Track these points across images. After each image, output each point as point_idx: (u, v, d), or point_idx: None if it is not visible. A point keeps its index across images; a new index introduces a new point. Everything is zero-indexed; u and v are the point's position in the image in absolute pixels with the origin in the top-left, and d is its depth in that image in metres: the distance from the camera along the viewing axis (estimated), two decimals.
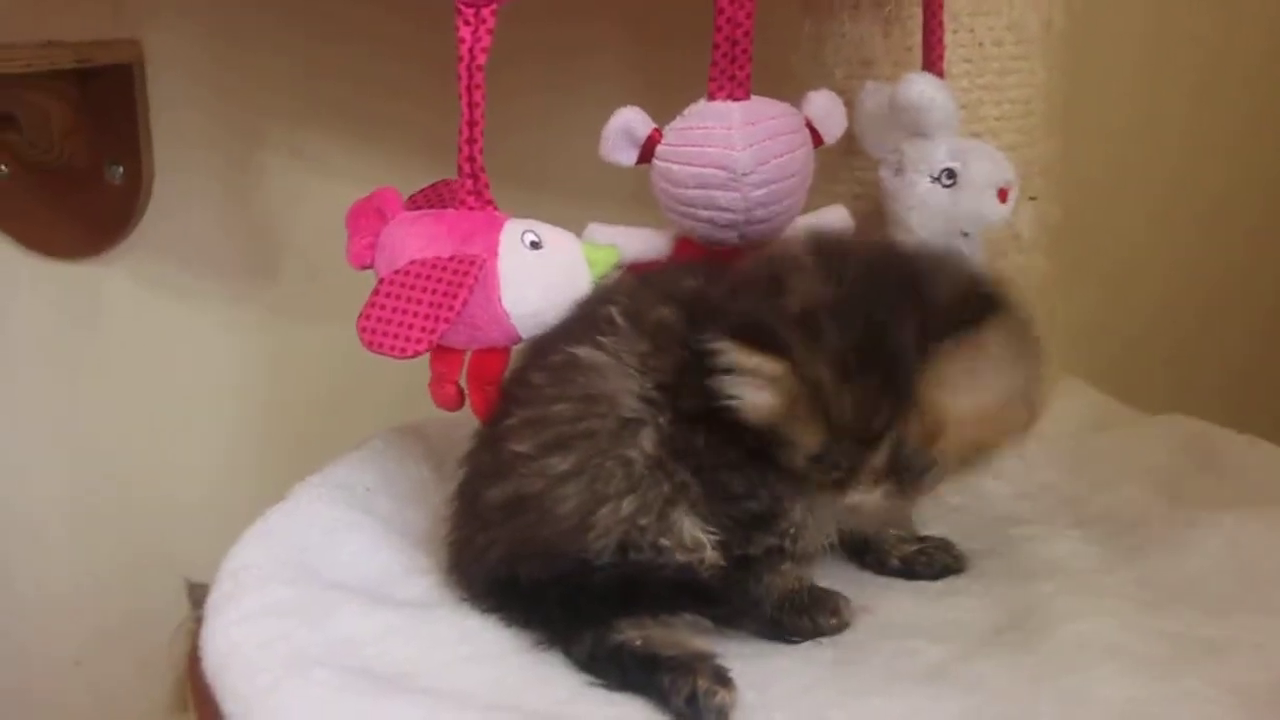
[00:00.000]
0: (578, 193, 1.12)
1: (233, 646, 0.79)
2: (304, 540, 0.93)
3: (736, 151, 0.95)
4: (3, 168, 1.44)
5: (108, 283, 1.46)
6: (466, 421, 0.96)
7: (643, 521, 0.83)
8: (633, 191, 1.03)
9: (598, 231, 0.99)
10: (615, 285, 0.94)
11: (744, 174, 0.95)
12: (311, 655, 0.78)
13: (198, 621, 0.85)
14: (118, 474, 1.48)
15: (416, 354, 0.88)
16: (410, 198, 0.99)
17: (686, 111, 0.99)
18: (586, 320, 0.89)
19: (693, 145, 0.97)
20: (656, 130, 0.98)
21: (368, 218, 0.96)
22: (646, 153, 0.98)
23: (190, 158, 1.44)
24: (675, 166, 0.97)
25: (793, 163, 0.98)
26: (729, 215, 0.97)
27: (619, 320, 0.86)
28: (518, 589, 0.85)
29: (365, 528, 0.97)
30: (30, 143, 1.41)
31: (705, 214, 0.97)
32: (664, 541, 0.84)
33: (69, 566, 1.48)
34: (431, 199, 1.00)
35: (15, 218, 1.46)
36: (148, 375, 1.48)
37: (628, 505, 0.83)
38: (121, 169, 1.43)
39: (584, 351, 0.85)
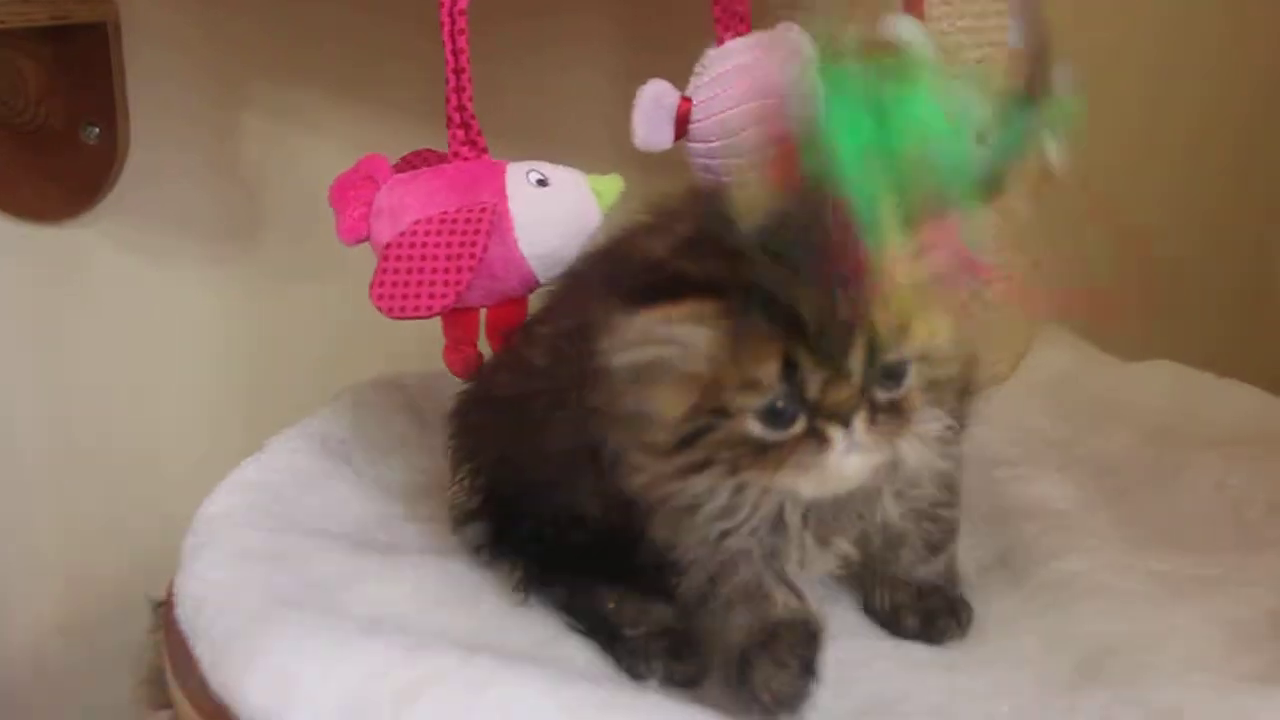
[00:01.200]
0: (572, 152, 1.10)
1: (207, 591, 0.78)
2: (279, 489, 0.92)
3: (774, 75, 0.95)
4: None
5: (85, 245, 1.45)
6: (445, 374, 0.95)
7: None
8: (623, 149, 1.00)
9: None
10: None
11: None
12: (287, 598, 0.77)
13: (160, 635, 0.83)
14: (100, 435, 1.47)
15: (444, 309, 0.87)
16: (395, 165, 0.97)
17: (703, 65, 0.98)
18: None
19: (735, 87, 0.95)
20: (684, 98, 0.96)
21: (356, 188, 0.93)
22: (680, 127, 0.96)
23: (168, 118, 1.42)
24: (729, 113, 0.95)
25: None
26: None
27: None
28: (506, 508, 0.85)
29: (341, 477, 0.97)
30: (5, 104, 1.40)
31: None
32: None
33: (51, 522, 1.47)
34: (416, 163, 0.98)
35: None
36: (128, 337, 1.47)
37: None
38: (97, 130, 1.41)
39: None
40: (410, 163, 0.98)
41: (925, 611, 0.81)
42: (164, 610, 0.83)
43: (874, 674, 0.76)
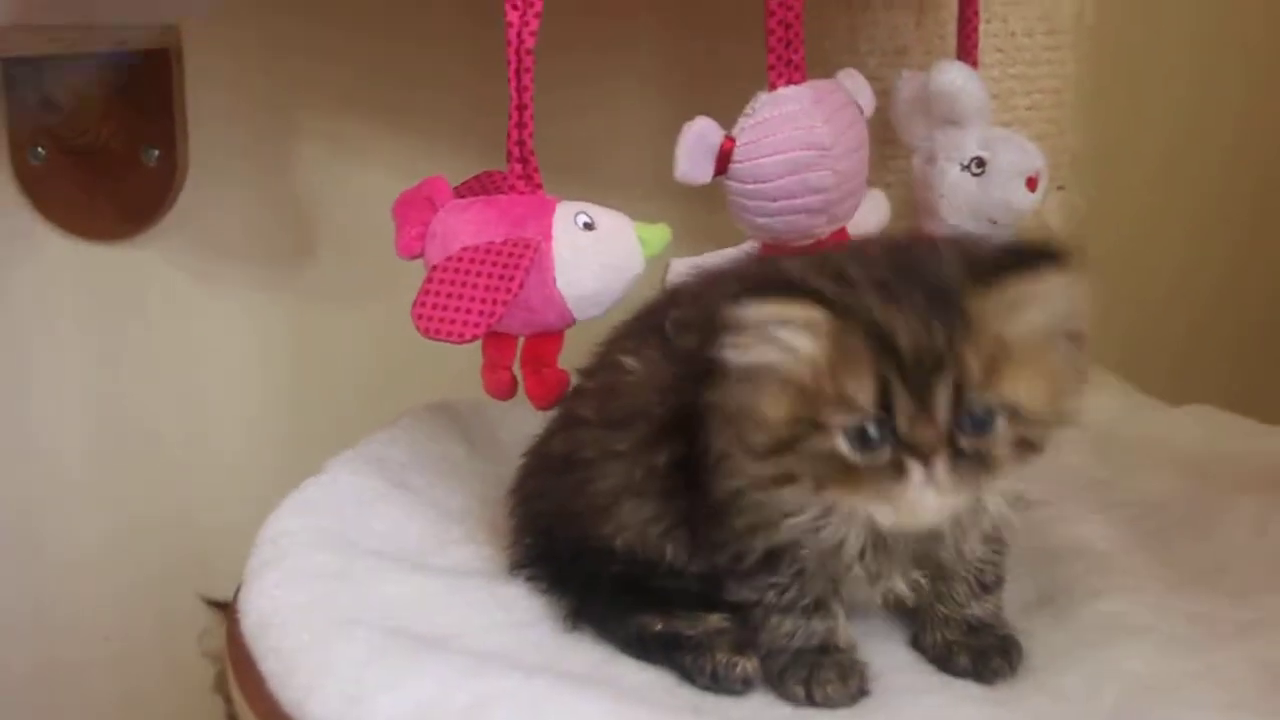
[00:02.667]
0: (616, 185, 1.12)
1: (273, 608, 0.80)
2: (340, 510, 0.94)
3: (819, 128, 0.96)
4: (40, 150, 1.45)
5: (142, 265, 1.48)
6: (498, 401, 0.97)
7: (654, 530, 0.83)
8: (673, 184, 1.01)
9: (679, 264, 0.99)
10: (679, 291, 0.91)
11: (829, 148, 0.96)
12: (351, 616, 0.79)
13: (222, 625, 0.86)
14: (147, 448, 1.50)
15: (475, 338, 0.89)
16: (457, 188, 1.00)
17: (752, 107, 0.98)
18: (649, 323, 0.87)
19: (775, 134, 0.97)
20: (729, 138, 0.98)
21: (417, 207, 0.96)
22: (721, 164, 0.98)
23: (225, 142, 1.46)
24: (764, 160, 0.97)
25: (861, 131, 1.00)
26: (821, 197, 0.97)
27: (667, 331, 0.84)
28: (554, 550, 0.87)
29: (399, 501, 0.98)
30: (68, 125, 1.43)
31: (800, 201, 0.97)
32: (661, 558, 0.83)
33: (97, 530, 1.49)
34: (477, 189, 1.00)
35: (52, 200, 1.47)
36: (180, 356, 1.49)
37: (646, 508, 0.83)
38: (157, 152, 1.44)
39: (629, 362, 0.84)
40: (471, 187, 1.00)
41: (977, 650, 0.82)
42: (228, 619, 0.85)
43: (921, 708, 0.77)
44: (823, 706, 0.76)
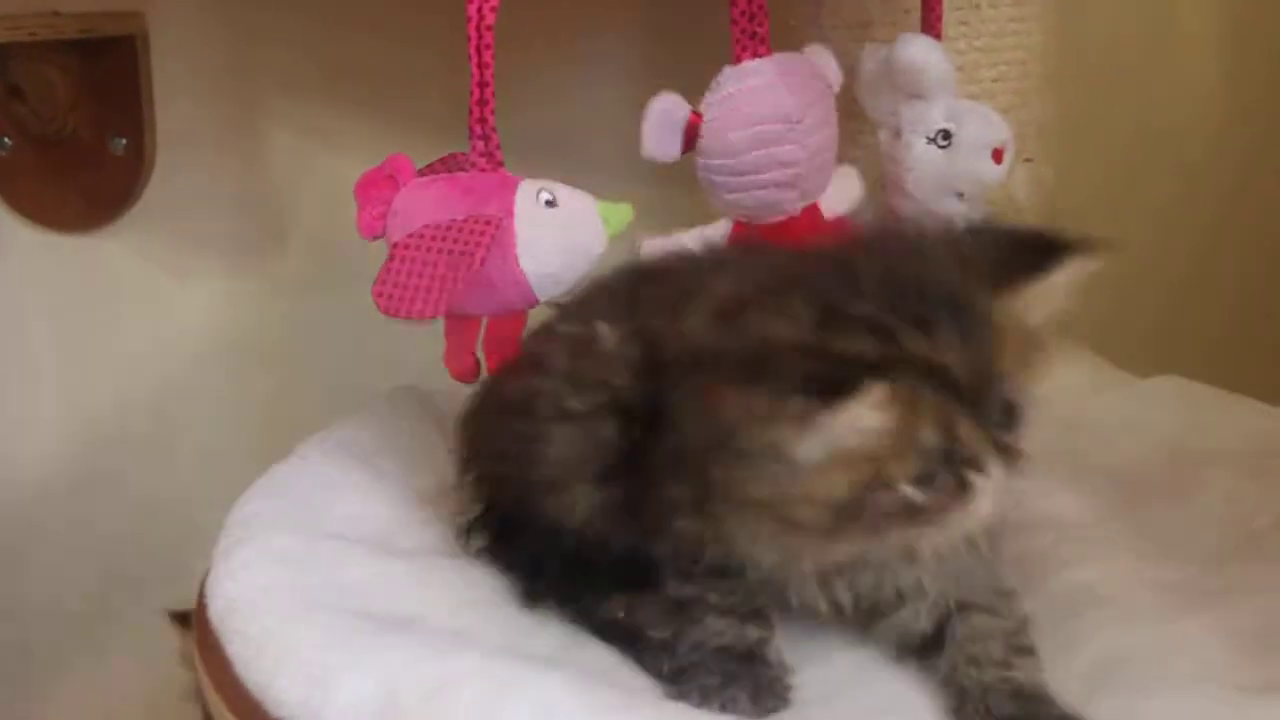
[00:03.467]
0: (589, 169, 1.12)
1: (239, 590, 0.80)
2: (308, 494, 0.94)
3: (785, 100, 0.96)
4: (6, 140, 1.44)
5: (110, 255, 1.47)
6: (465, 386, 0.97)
7: (600, 510, 0.82)
8: (641, 166, 1.02)
9: (650, 244, 0.99)
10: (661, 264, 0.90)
11: (797, 121, 0.96)
12: (317, 599, 0.79)
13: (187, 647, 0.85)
14: (120, 442, 1.49)
15: (435, 314, 0.88)
16: (421, 169, 0.99)
17: (718, 81, 0.98)
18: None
19: (742, 107, 0.97)
20: (695, 114, 0.97)
21: (379, 186, 0.95)
22: (689, 141, 0.98)
23: (194, 130, 1.44)
24: (731, 134, 0.97)
25: (830, 105, 1.00)
26: (790, 171, 0.97)
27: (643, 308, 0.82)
28: (506, 520, 0.87)
29: (369, 484, 0.98)
30: (34, 114, 1.42)
31: (768, 176, 0.97)
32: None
33: (70, 527, 1.48)
34: (441, 169, 0.99)
35: (18, 191, 1.46)
36: (151, 346, 1.48)
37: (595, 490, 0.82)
38: (124, 141, 1.43)
39: (603, 329, 0.83)
40: (435, 169, 0.99)
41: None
42: (195, 613, 0.85)
43: (887, 677, 0.78)
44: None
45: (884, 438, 0.65)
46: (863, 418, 0.64)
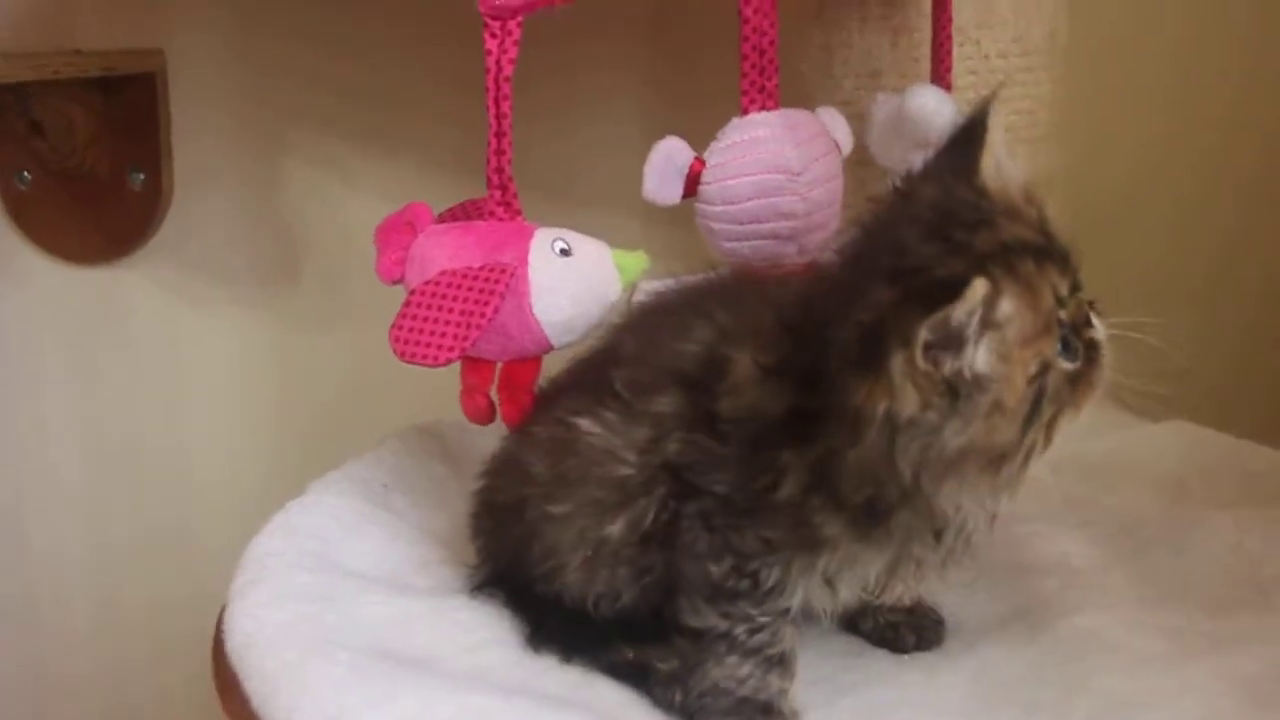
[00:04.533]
0: (597, 208, 1.13)
1: (257, 628, 0.81)
2: (324, 532, 0.94)
3: (788, 152, 0.97)
4: (26, 174, 1.46)
5: (128, 288, 1.49)
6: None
7: (599, 589, 0.84)
8: (652, 207, 1.01)
9: (646, 287, 0.98)
10: (620, 343, 0.89)
11: (798, 173, 0.96)
12: (334, 638, 0.80)
13: None
14: (133, 469, 1.50)
15: (449, 362, 0.89)
16: (440, 215, 1.00)
17: (724, 131, 0.99)
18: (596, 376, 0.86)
19: (744, 156, 0.97)
20: (698, 160, 0.98)
21: (398, 232, 0.97)
22: (690, 186, 0.98)
23: (211, 166, 1.46)
24: (730, 182, 0.97)
25: (834, 163, 1.00)
26: (790, 223, 0.97)
27: (622, 395, 0.82)
28: (516, 587, 0.88)
29: (383, 522, 0.99)
30: (54, 149, 1.44)
31: (767, 226, 0.97)
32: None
33: (85, 550, 1.50)
34: (460, 215, 1.00)
35: (38, 224, 1.48)
36: (165, 378, 1.50)
37: (587, 574, 0.84)
38: (143, 176, 1.45)
39: (585, 423, 0.83)
40: (454, 214, 1.00)
41: (918, 627, 0.89)
42: (213, 649, 0.85)
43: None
44: None
45: (1024, 317, 0.69)
46: (1000, 306, 0.68)
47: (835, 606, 0.81)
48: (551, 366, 0.93)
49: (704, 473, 0.77)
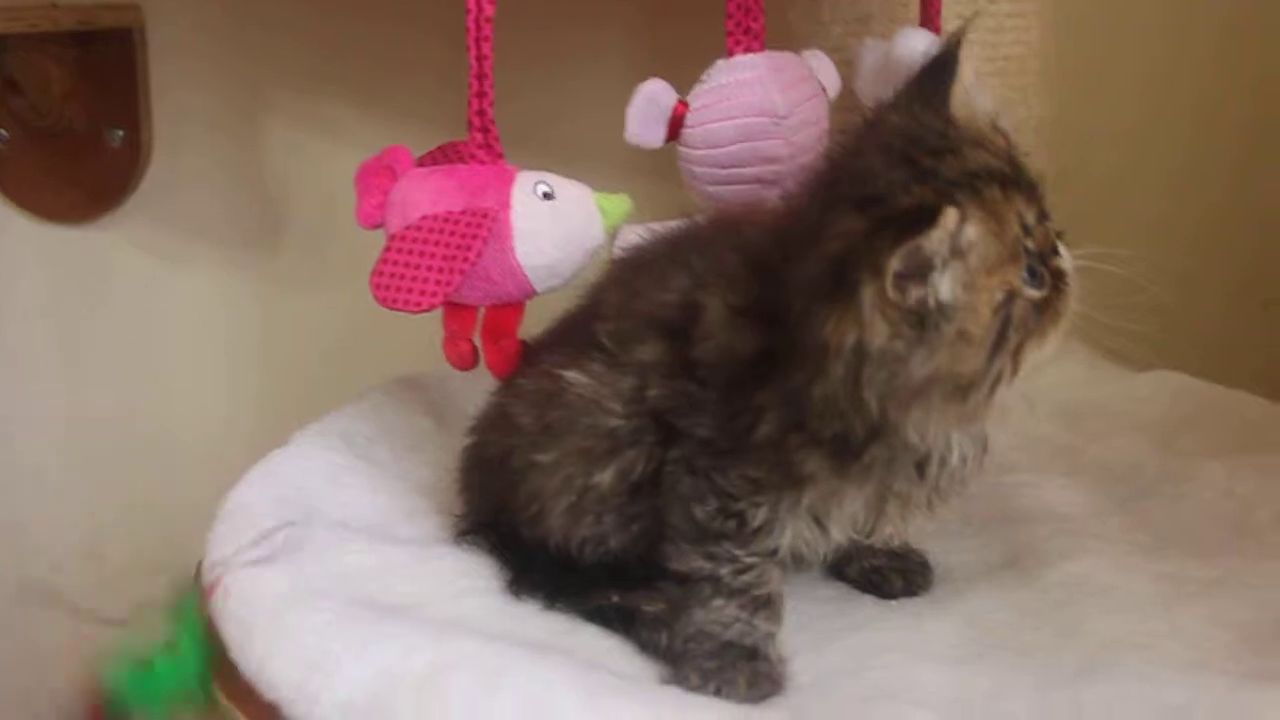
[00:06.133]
0: (583, 160, 1.11)
1: (236, 580, 0.80)
2: (305, 482, 0.94)
3: (774, 95, 0.96)
4: (3, 132, 1.44)
5: (108, 246, 1.47)
6: (463, 374, 0.96)
7: (584, 533, 0.84)
8: (637, 159, 1.02)
9: (629, 232, 0.98)
10: (603, 297, 0.88)
11: (783, 117, 0.95)
12: (315, 586, 0.79)
13: None
14: (117, 429, 1.49)
15: (431, 307, 0.88)
16: (420, 158, 0.99)
17: (709, 73, 0.98)
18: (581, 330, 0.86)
19: (729, 99, 0.96)
20: (681, 103, 0.97)
21: (378, 176, 0.95)
22: (674, 129, 0.97)
23: (190, 122, 1.45)
24: (714, 125, 0.96)
25: (819, 106, 0.99)
26: (774, 167, 0.96)
27: (607, 346, 0.82)
28: (501, 534, 0.88)
29: (365, 473, 0.98)
30: (31, 106, 1.42)
31: (751, 170, 0.97)
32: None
33: (71, 512, 1.49)
34: (440, 159, 0.99)
35: (16, 182, 1.47)
36: (148, 336, 1.49)
37: (571, 518, 0.83)
38: (121, 133, 1.44)
39: (571, 375, 0.83)
40: (434, 157, 0.99)
41: (904, 571, 0.88)
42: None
43: (882, 664, 0.78)
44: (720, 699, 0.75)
45: (989, 244, 0.68)
46: (964, 232, 0.67)
47: (827, 547, 0.80)
48: (535, 316, 0.92)
49: (685, 416, 0.77)
